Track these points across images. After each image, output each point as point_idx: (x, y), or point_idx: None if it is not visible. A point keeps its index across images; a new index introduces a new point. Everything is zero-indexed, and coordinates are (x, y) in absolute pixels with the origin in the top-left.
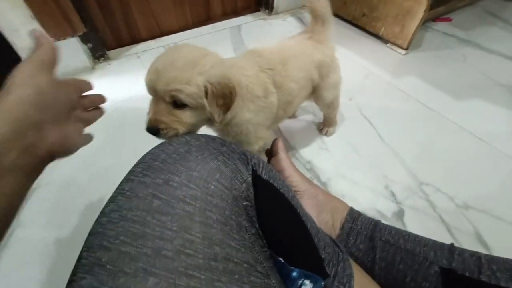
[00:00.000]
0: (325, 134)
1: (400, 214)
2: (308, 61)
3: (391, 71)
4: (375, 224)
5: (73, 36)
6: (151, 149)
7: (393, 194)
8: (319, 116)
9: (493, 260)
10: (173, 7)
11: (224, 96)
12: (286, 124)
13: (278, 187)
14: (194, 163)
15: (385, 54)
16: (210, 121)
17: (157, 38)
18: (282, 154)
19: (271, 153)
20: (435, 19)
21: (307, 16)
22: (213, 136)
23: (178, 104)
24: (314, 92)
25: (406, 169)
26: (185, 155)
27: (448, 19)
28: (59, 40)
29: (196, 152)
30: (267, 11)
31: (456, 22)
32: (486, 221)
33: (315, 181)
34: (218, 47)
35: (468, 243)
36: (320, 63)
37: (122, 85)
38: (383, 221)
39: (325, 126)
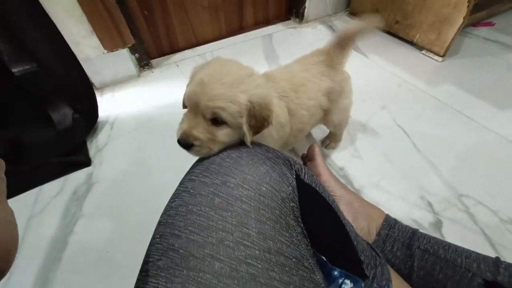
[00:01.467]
0: (326, 147)
1: (438, 225)
2: (316, 90)
3: (426, 79)
4: (413, 233)
5: (123, 47)
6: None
7: (430, 205)
8: (352, 122)
9: None
10: (209, 17)
11: (259, 118)
12: (318, 132)
13: (319, 191)
14: (247, 167)
15: (419, 61)
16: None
17: (193, 47)
18: (319, 159)
19: (307, 158)
20: (476, 24)
21: (337, 24)
22: (258, 142)
23: (217, 121)
24: (324, 116)
25: (443, 180)
26: (238, 159)
27: (490, 24)
28: (112, 51)
29: (246, 158)
30: (297, 19)
31: (499, 26)
32: None
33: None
34: (251, 56)
35: None
36: (328, 90)
37: (165, 91)
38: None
39: (329, 140)
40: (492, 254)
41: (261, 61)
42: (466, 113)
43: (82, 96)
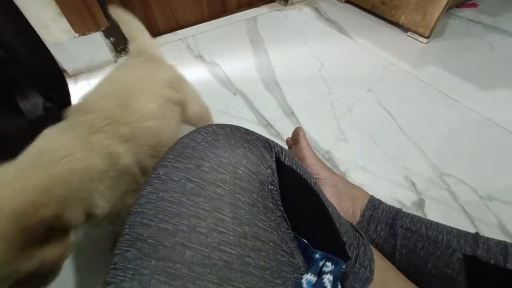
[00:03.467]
0: None
1: (420, 204)
2: (155, 87)
3: (412, 61)
4: (396, 212)
5: (97, 31)
6: (180, 138)
7: (413, 185)
8: (338, 105)
9: None
10: (189, 0)
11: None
12: (303, 115)
13: (300, 173)
14: (222, 150)
15: (405, 43)
16: None
17: (174, 31)
18: (303, 142)
19: (292, 141)
20: (460, 5)
21: (323, 6)
22: (237, 125)
23: None
24: (182, 113)
25: (427, 161)
26: (213, 142)
27: (474, 5)
28: (84, 35)
29: (223, 140)
30: (282, 1)
31: (482, 7)
32: (510, 213)
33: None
34: (235, 40)
35: (492, 235)
36: (170, 79)
37: None
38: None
39: None
40: (472, 230)
41: (245, 45)
42: (450, 95)
43: (54, 84)
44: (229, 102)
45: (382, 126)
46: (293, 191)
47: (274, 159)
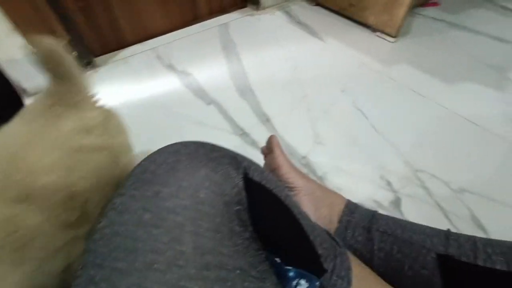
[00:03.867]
0: None
1: (397, 202)
2: (59, 135)
3: (382, 60)
4: (373, 215)
5: None
6: (141, 161)
7: (389, 184)
8: (313, 108)
9: (488, 243)
10: (158, 8)
11: None
12: (279, 121)
13: (270, 188)
14: (183, 173)
15: (375, 43)
16: None
17: (144, 41)
18: (277, 151)
19: (267, 149)
20: (423, 4)
21: (295, 10)
22: (203, 142)
23: None
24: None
25: (401, 158)
26: (174, 165)
27: (436, 4)
28: None
29: (185, 161)
30: (254, 6)
31: (445, 6)
32: (481, 204)
33: (311, 176)
34: (207, 47)
35: (465, 228)
36: (82, 128)
37: (111, 92)
38: (380, 211)
39: None
40: (447, 225)
41: (218, 52)
42: (420, 92)
43: (8, 103)
44: (203, 113)
45: (357, 127)
46: (264, 208)
47: (241, 176)
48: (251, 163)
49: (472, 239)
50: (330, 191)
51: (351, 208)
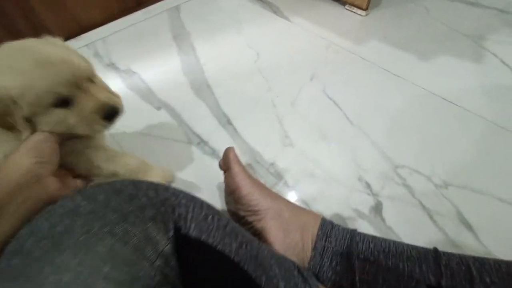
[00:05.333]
0: None
1: (378, 208)
2: None
3: (353, 38)
4: (351, 238)
5: None
6: (23, 228)
7: (368, 186)
8: (279, 102)
9: (484, 268)
10: None
11: None
12: (242, 122)
13: (214, 244)
14: (71, 253)
15: (344, 18)
16: None
17: (77, 36)
18: (235, 167)
19: (223, 166)
20: None
21: None
22: (120, 186)
23: None
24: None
25: (379, 152)
26: (62, 237)
27: None
28: None
29: (81, 228)
30: None
31: None
32: (465, 198)
33: (282, 187)
34: (154, 37)
35: (450, 227)
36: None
37: None
38: (361, 222)
39: None
40: (431, 227)
41: (168, 42)
42: (392, 70)
43: None
44: (152, 120)
45: (328, 118)
46: (204, 273)
47: (171, 234)
48: (190, 207)
49: (465, 263)
50: (301, 209)
51: (326, 230)
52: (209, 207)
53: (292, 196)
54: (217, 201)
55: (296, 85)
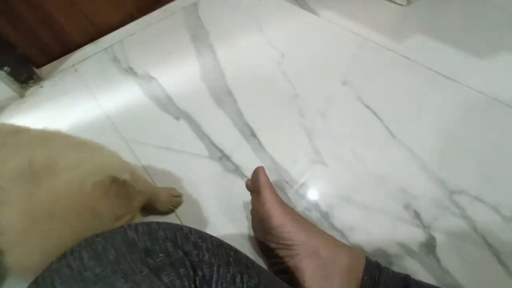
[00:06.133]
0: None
1: (430, 244)
2: None
3: (391, 33)
4: (405, 286)
5: None
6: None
7: (417, 215)
8: (307, 112)
9: None
10: None
11: None
12: (267, 135)
13: None
14: None
15: (380, 9)
16: None
17: (95, 40)
18: (266, 193)
19: (252, 187)
20: None
21: None
22: (138, 233)
23: None
24: None
25: (429, 173)
26: None
27: None
28: None
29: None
30: None
31: None
32: None
33: (313, 214)
34: (173, 39)
35: None
36: None
37: (60, 111)
38: (409, 260)
39: None
40: (500, 271)
41: (186, 44)
42: (442, 71)
43: None
44: (171, 131)
45: (366, 132)
46: None
47: None
48: (214, 265)
49: None
50: (340, 246)
51: (373, 276)
52: (237, 260)
53: (325, 225)
54: (242, 225)
55: (326, 91)
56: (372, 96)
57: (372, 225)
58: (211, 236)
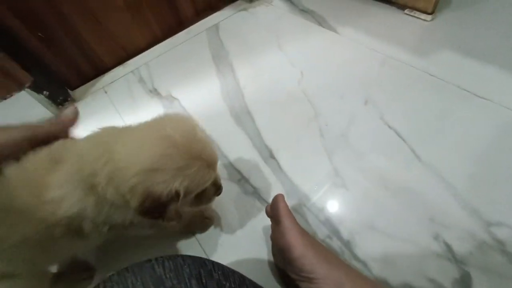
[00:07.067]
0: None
1: (465, 282)
2: None
3: (415, 49)
4: None
5: (20, 90)
6: None
7: (449, 249)
8: (328, 132)
9: None
10: (132, 20)
11: None
12: (286, 156)
13: None
14: None
15: (403, 25)
16: None
17: (124, 62)
18: (286, 222)
19: (272, 217)
20: None
21: None
22: (165, 270)
23: None
24: None
25: (461, 202)
26: None
27: None
28: (5, 99)
29: None
30: None
31: None
32: None
33: (334, 242)
34: (195, 59)
35: None
36: None
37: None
38: None
39: None
40: None
41: (207, 63)
42: (472, 90)
43: None
44: None
45: (389, 155)
46: None
47: None
48: None
49: None
50: (365, 281)
51: None
52: None
53: (346, 255)
54: (262, 250)
55: (347, 111)
56: (396, 116)
57: (398, 256)
58: (234, 272)
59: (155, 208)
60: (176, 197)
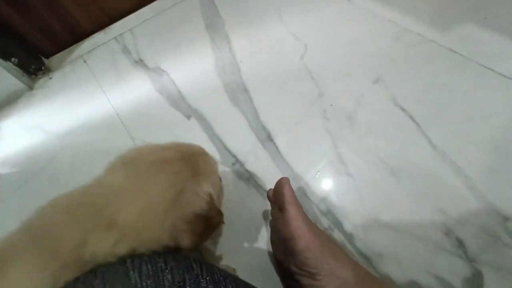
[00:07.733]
0: None
1: (477, 281)
2: None
3: (433, 20)
4: None
5: None
6: None
7: (460, 244)
8: (333, 114)
9: None
10: None
11: None
12: (285, 139)
13: None
14: None
15: None
16: None
17: (105, 27)
18: (292, 210)
19: (275, 203)
20: None
21: None
22: (142, 285)
23: None
24: None
25: (476, 195)
26: None
27: None
28: None
29: None
30: None
31: None
32: None
33: (336, 234)
34: (186, 27)
35: None
36: None
37: (69, 107)
38: None
39: None
40: None
41: (200, 33)
42: (498, 69)
43: None
44: (181, 131)
45: (400, 140)
46: None
47: None
48: None
49: None
50: (371, 279)
51: None
52: None
53: (349, 250)
54: (259, 239)
55: (355, 90)
56: (409, 97)
57: (404, 252)
58: (226, 277)
59: (205, 226)
60: (211, 200)
